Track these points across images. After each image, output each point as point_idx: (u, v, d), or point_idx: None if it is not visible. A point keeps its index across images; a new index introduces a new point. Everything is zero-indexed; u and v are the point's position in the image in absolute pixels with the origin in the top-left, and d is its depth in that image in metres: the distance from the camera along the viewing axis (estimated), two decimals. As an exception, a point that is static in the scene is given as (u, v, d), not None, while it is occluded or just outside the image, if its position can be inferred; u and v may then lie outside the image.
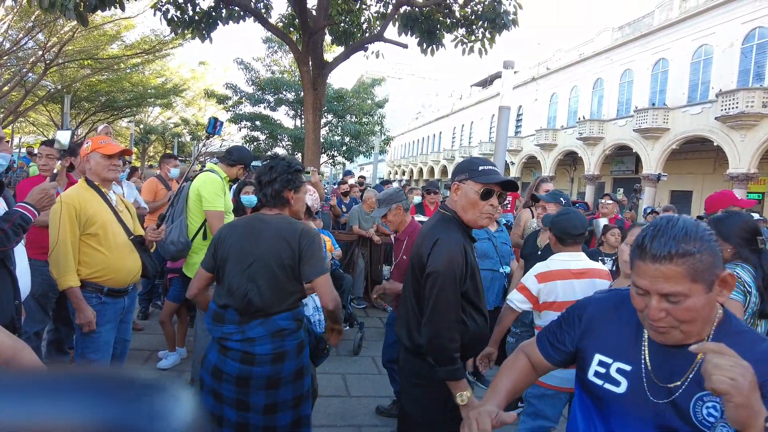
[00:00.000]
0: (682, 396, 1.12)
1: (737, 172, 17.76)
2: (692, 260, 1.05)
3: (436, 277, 1.83)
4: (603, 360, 1.27)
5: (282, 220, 2.19)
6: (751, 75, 18.08)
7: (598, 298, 1.39)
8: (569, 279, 2.60)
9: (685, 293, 1.06)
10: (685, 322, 1.09)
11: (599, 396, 1.26)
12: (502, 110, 6.93)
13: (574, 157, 28.09)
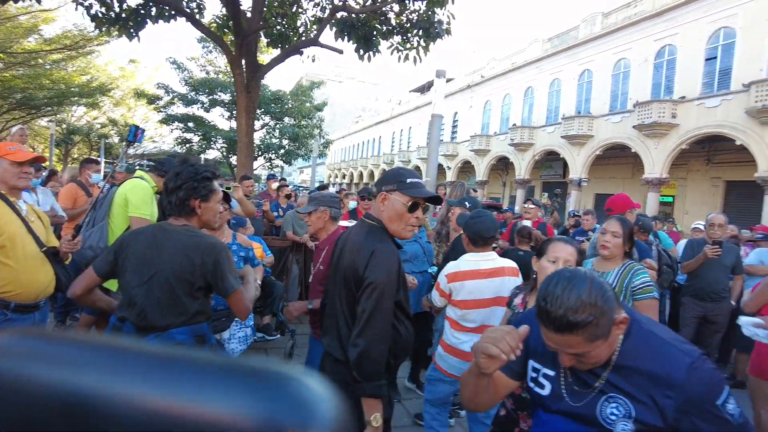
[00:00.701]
0: (592, 398, 1.28)
1: (652, 177, 19.16)
2: (590, 327, 1.15)
3: (375, 288, 1.80)
4: (535, 366, 1.43)
5: (186, 232, 2.03)
6: (662, 88, 19.58)
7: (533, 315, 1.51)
8: (478, 279, 2.75)
9: (588, 350, 1.19)
10: (593, 363, 1.25)
11: (533, 396, 1.44)
12: (435, 117, 7.13)
13: (506, 162, 29.20)
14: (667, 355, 1.21)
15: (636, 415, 1.20)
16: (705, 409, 1.15)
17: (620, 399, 1.22)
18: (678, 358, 1.20)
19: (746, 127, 16.05)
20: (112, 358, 0.33)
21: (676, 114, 18.41)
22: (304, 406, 0.30)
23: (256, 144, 20.76)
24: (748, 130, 15.99)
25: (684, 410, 1.16)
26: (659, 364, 1.20)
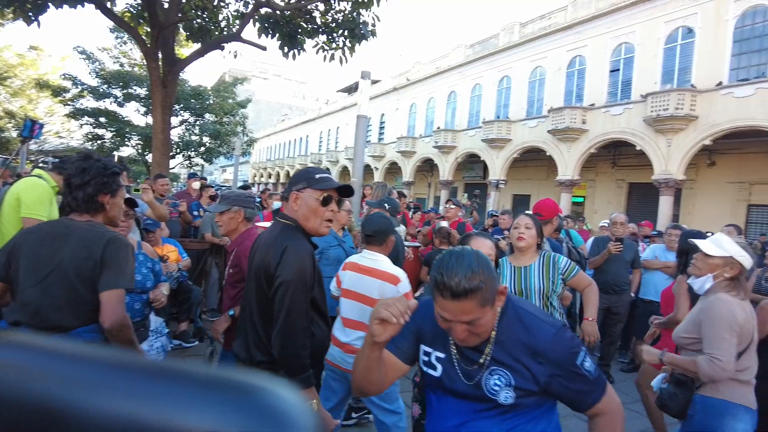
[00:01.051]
0: (475, 374, 1.43)
1: (564, 179, 20.44)
2: (481, 292, 1.29)
3: (287, 285, 1.82)
4: (426, 350, 1.53)
5: (90, 227, 1.96)
6: (573, 96, 20.96)
7: (423, 302, 1.57)
8: (357, 273, 2.86)
9: (479, 316, 1.33)
10: (481, 333, 1.38)
11: (426, 380, 1.54)
12: (360, 119, 7.15)
13: (431, 164, 29.95)
14: (535, 328, 1.42)
15: (515, 383, 1.38)
16: (568, 370, 1.38)
17: (501, 371, 1.40)
18: (544, 330, 1.41)
19: (644, 133, 17.55)
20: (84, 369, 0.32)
21: (585, 120, 19.78)
22: (281, 417, 0.29)
23: (175, 141, 19.80)
24: (646, 136, 17.51)
25: (552, 374, 1.37)
26: (530, 336, 1.40)
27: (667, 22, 17.45)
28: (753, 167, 16.86)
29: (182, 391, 0.30)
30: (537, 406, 1.43)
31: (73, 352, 0.35)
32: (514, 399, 1.38)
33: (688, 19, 16.86)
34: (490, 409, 1.41)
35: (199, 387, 0.31)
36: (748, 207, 17.24)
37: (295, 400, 0.31)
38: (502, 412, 1.40)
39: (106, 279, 1.88)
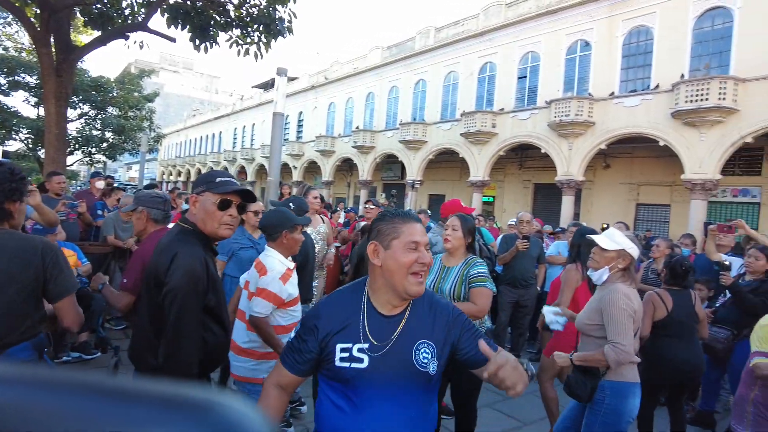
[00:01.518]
0: (397, 348, 1.49)
1: (476, 180, 21.37)
2: None
3: (176, 293, 1.75)
4: (344, 347, 1.51)
5: (12, 236, 1.90)
6: (484, 100, 21.98)
7: (323, 302, 1.63)
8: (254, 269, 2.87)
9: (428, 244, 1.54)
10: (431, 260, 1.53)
11: (347, 378, 1.49)
12: (277, 116, 7.00)
13: (350, 164, 30.03)
14: (439, 303, 1.62)
15: (437, 350, 1.53)
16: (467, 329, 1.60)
17: (425, 343, 1.51)
18: (444, 304, 1.64)
19: (548, 137, 18.81)
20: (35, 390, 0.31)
21: (495, 124, 20.80)
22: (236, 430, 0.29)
23: (73, 136, 18.22)
24: (550, 140, 18.77)
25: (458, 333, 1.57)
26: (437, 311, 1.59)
27: (568, 34, 18.82)
28: (641, 170, 18.66)
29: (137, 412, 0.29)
30: (439, 380, 1.59)
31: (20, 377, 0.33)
32: (437, 366, 1.51)
33: (586, 33, 18.30)
34: (418, 385, 1.50)
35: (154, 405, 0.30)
36: (636, 205, 19.06)
37: (252, 414, 0.31)
38: (425, 385, 1.51)
39: (59, 287, 1.87)
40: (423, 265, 1.47)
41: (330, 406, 1.54)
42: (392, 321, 1.53)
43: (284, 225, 2.84)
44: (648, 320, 3.51)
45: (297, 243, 2.90)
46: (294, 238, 2.87)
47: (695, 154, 14.98)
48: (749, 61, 14.24)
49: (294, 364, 1.57)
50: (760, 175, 15.99)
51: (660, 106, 15.76)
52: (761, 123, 13.78)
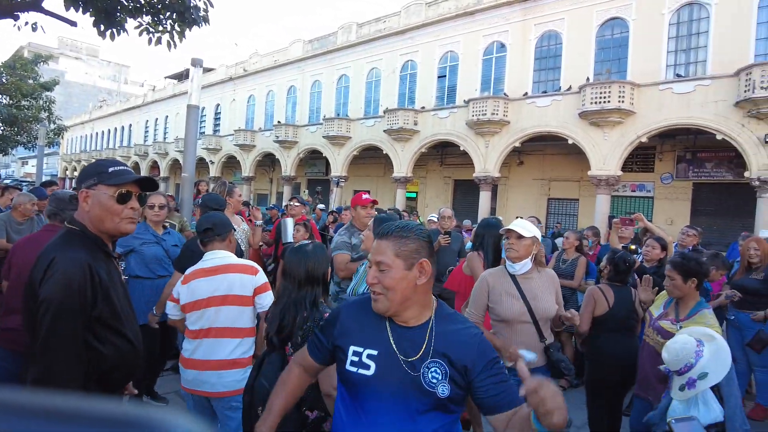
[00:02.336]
0: (416, 365, 1.42)
1: (399, 176, 21.70)
2: (399, 240, 1.44)
3: (48, 305, 1.51)
4: (356, 350, 1.49)
5: None
6: (406, 98, 22.33)
7: (348, 303, 1.65)
8: (204, 278, 2.61)
9: (389, 264, 1.42)
10: (389, 290, 1.41)
11: (354, 382, 1.48)
12: (191, 109, 6.69)
13: (272, 159, 29.34)
14: (464, 326, 1.52)
15: (450, 374, 1.42)
16: (491, 364, 1.44)
17: (438, 362, 1.42)
18: (471, 328, 1.52)
19: (467, 135, 19.48)
20: None
21: (417, 122, 21.22)
22: None
23: (-47, 126, 16.28)
24: (468, 138, 19.45)
25: (482, 369, 1.42)
26: (462, 334, 1.48)
27: (485, 36, 19.57)
28: (551, 166, 19.86)
29: None
30: (458, 407, 1.48)
31: None
32: (449, 392, 1.40)
33: (501, 35, 19.12)
34: (424, 405, 1.42)
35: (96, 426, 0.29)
36: (548, 200, 20.27)
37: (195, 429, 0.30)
38: (434, 408, 1.42)
39: None
40: (370, 284, 1.47)
41: (340, 406, 1.55)
42: (414, 333, 1.47)
43: (229, 224, 2.73)
44: (588, 315, 3.56)
45: (234, 247, 2.81)
46: (233, 240, 2.78)
47: (600, 152, 16.18)
48: (643, 68, 15.61)
49: (314, 348, 1.64)
50: (653, 171, 17.60)
51: (568, 107, 16.85)
52: (653, 124, 15.17)
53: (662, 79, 15.33)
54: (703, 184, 16.74)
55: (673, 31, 15.36)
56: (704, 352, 2.32)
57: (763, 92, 12.79)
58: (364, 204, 4.11)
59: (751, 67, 13.21)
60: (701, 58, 14.86)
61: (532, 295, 2.79)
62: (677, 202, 17.05)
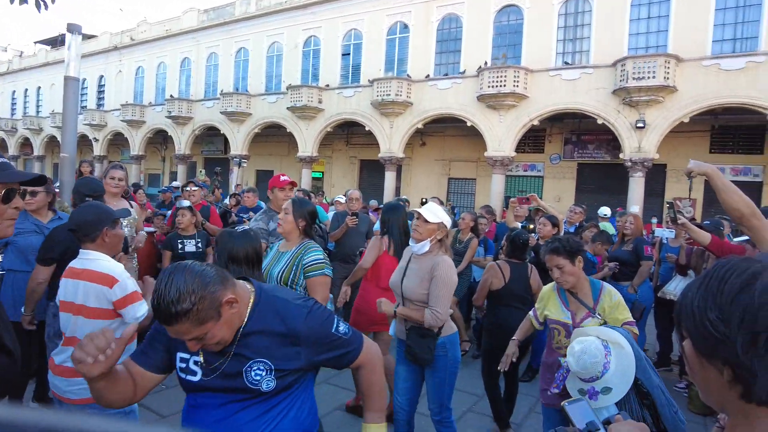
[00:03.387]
0: (230, 368, 1.41)
1: (304, 155, 21.27)
2: (193, 314, 1.25)
3: None
4: (183, 356, 1.47)
5: None
6: (310, 75, 21.81)
7: None
8: (70, 278, 2.33)
9: (203, 334, 1.30)
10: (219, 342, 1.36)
11: (186, 387, 1.49)
12: (70, 81, 5.94)
13: (164, 136, 27.36)
14: (288, 313, 1.46)
15: (275, 367, 1.42)
16: (327, 341, 1.49)
17: (260, 362, 1.41)
18: (296, 312, 1.47)
19: (371, 115, 19.52)
20: None
21: (322, 100, 20.84)
22: None
23: None
24: (373, 118, 19.51)
25: (315, 351, 1.47)
26: (283, 323, 1.44)
27: (389, 15, 19.57)
28: (451, 147, 20.57)
29: None
30: (297, 381, 1.50)
31: None
32: (275, 383, 1.42)
33: (405, 15, 19.25)
34: (253, 398, 1.44)
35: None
36: (448, 180, 21.03)
37: None
38: (265, 398, 1.44)
39: None
40: None
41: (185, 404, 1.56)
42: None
43: (103, 221, 2.32)
44: (484, 289, 3.79)
45: (120, 240, 2.41)
46: (116, 234, 2.36)
47: (495, 134, 17.02)
48: (536, 54, 16.58)
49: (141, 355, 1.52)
50: (543, 152, 18.91)
51: (468, 90, 17.47)
52: (544, 108, 16.25)
53: (552, 65, 16.41)
54: (586, 164, 18.31)
55: (562, 21, 16.45)
56: (611, 364, 2.18)
57: (635, 82, 14.18)
58: (282, 186, 3.90)
59: (625, 59, 14.56)
60: (585, 48, 16.09)
61: (410, 273, 2.90)
62: (564, 181, 18.51)
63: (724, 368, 0.75)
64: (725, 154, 15.93)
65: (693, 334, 0.79)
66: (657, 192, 16.56)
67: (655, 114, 14.58)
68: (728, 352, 0.73)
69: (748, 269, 0.75)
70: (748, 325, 0.71)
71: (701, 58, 14.17)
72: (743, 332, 0.72)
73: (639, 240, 5.26)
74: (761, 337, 0.70)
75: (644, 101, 14.41)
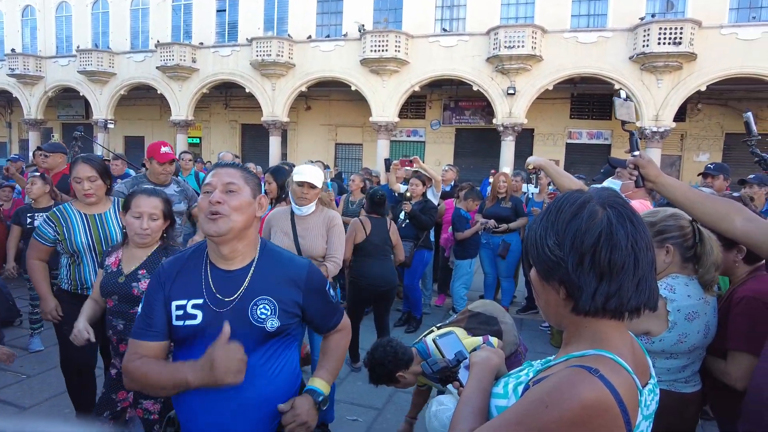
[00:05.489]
0: (240, 304, 1.46)
1: (179, 119, 19.78)
2: (245, 173, 1.51)
3: None
4: (179, 304, 1.47)
5: None
6: (182, 32, 20.08)
7: (167, 261, 1.59)
8: None
9: (240, 186, 1.46)
10: (235, 211, 1.42)
11: (182, 337, 1.48)
12: None
13: (8, 98, 23.75)
14: (293, 262, 1.61)
15: (279, 309, 1.49)
16: (324, 295, 1.63)
17: (265, 299, 1.48)
18: (300, 264, 1.61)
19: (252, 77, 18.61)
20: None
21: (196, 59, 19.36)
22: None
23: None
24: (253, 79, 18.62)
25: (310, 298, 1.56)
26: (289, 267, 1.57)
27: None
28: (337, 112, 20.41)
29: None
30: (293, 329, 1.56)
31: None
32: (279, 324, 1.48)
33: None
34: (256, 340, 1.46)
35: None
36: (335, 145, 20.93)
37: None
38: (266, 339, 1.48)
39: None
40: (211, 204, 1.41)
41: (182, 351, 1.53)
42: (235, 276, 1.50)
43: None
44: (350, 244, 4.05)
45: None
46: None
47: (379, 99, 17.17)
48: (416, 20, 16.84)
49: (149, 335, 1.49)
50: (425, 118, 19.52)
51: (351, 53, 17.31)
52: (424, 74, 16.69)
53: (431, 32, 16.80)
54: (463, 130, 19.26)
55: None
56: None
57: (507, 51, 15.07)
58: (162, 161, 3.60)
59: (498, 28, 15.37)
60: (462, 16, 16.67)
61: (303, 234, 3.14)
62: (443, 146, 19.34)
63: (560, 287, 0.87)
64: (582, 120, 17.69)
65: (536, 260, 0.91)
66: (526, 154, 17.95)
67: (524, 81, 15.67)
68: (562, 272, 0.85)
69: (579, 199, 0.87)
70: (576, 247, 0.83)
71: (562, 30, 15.41)
72: (573, 254, 0.84)
73: (515, 199, 5.84)
74: (586, 257, 0.82)
75: (514, 69, 15.40)
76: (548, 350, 4.71)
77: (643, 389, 0.86)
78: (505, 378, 1.02)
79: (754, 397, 1.39)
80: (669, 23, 13.81)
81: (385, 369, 2.25)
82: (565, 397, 0.77)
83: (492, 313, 2.59)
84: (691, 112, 16.41)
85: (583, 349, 0.86)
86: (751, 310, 1.73)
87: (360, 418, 3.45)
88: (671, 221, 1.80)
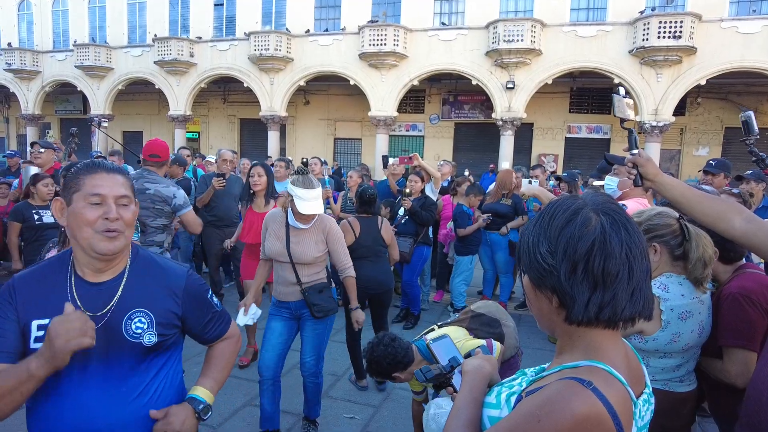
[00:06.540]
0: (112, 319, 1.32)
1: (177, 114, 19.70)
2: (128, 179, 1.36)
3: None
4: (41, 324, 1.28)
5: None
6: (179, 26, 19.96)
7: (19, 276, 1.37)
8: None
9: (130, 198, 1.34)
10: (129, 227, 1.33)
11: None
12: None
13: (6, 93, 23.65)
14: (169, 270, 1.47)
15: (156, 321, 1.37)
16: (204, 304, 1.52)
17: (141, 311, 1.35)
18: (177, 272, 1.48)
19: (250, 71, 18.52)
20: None
21: (194, 53, 19.26)
22: None
23: None
24: (252, 74, 18.53)
25: (190, 308, 1.46)
26: (166, 276, 1.44)
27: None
28: (336, 107, 20.34)
29: None
30: (171, 345, 1.45)
31: None
32: (157, 338, 1.37)
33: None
34: (134, 358, 1.34)
35: None
36: (335, 140, 20.87)
37: None
38: (146, 356, 1.37)
39: None
40: (108, 221, 1.26)
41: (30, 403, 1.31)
42: (104, 288, 1.34)
43: None
44: None
45: None
46: None
47: (378, 93, 17.10)
48: (414, 14, 16.75)
49: None
50: (424, 113, 19.46)
51: (350, 47, 17.21)
52: (423, 68, 16.61)
53: (430, 26, 16.70)
54: (462, 124, 19.21)
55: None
56: None
57: (506, 44, 14.99)
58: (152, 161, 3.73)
59: (497, 22, 15.28)
60: (461, 10, 16.57)
61: (296, 240, 2.96)
62: (442, 140, 19.28)
63: (552, 296, 0.84)
64: (581, 114, 17.64)
65: (528, 267, 0.88)
66: (525, 148, 17.95)
67: (523, 75, 15.60)
68: (554, 281, 0.82)
69: (572, 205, 0.84)
70: (569, 255, 0.80)
71: (561, 24, 15.33)
72: (565, 262, 0.81)
73: (516, 196, 5.68)
74: (579, 265, 0.80)
75: (514, 63, 15.33)
76: (546, 346, 4.70)
77: (638, 400, 0.84)
78: (498, 387, 1.00)
79: (753, 402, 1.38)
80: (669, 17, 13.74)
81: (382, 367, 2.23)
82: (557, 411, 0.76)
83: (494, 315, 2.56)
84: (691, 106, 16.37)
85: (577, 359, 0.84)
86: (739, 307, 1.74)
87: (357, 416, 3.45)
88: (657, 219, 1.79)
